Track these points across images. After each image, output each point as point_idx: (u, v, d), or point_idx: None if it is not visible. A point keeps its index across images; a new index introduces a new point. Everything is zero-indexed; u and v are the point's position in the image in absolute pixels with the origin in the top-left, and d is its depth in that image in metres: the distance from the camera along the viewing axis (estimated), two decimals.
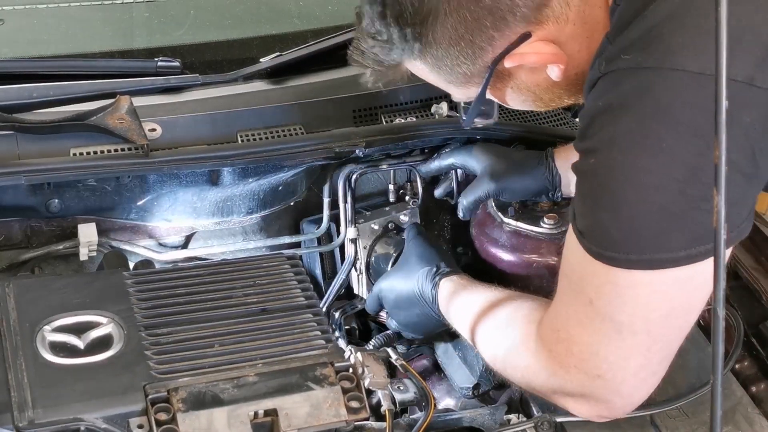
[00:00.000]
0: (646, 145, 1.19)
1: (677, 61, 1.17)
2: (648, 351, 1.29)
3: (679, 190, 1.18)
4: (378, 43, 1.35)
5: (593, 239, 1.24)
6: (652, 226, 1.20)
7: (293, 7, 2.32)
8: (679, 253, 1.20)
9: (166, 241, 1.83)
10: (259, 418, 1.29)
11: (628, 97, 1.21)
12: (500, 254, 1.66)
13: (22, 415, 1.25)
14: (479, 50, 1.32)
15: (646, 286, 1.23)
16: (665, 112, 1.18)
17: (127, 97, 1.70)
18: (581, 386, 1.32)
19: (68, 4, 2.18)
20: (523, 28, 1.30)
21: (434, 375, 1.74)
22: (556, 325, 1.33)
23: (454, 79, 1.38)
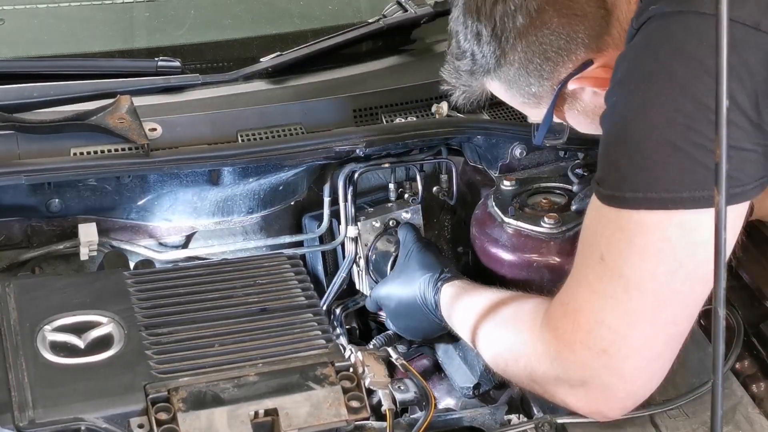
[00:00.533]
0: (659, 77, 1.26)
1: (694, 4, 1.25)
2: (654, 320, 1.29)
3: (686, 125, 1.23)
4: (462, 62, 1.49)
5: (607, 183, 1.29)
6: (658, 160, 1.24)
7: (293, 7, 2.32)
8: (682, 194, 1.23)
9: (166, 241, 1.83)
10: (259, 417, 1.29)
11: (651, 39, 1.29)
12: (500, 254, 1.66)
13: (22, 415, 1.25)
14: (547, 73, 1.44)
15: (652, 230, 1.25)
16: (679, 48, 1.25)
17: (127, 96, 1.70)
18: (584, 367, 1.31)
19: (68, 4, 2.18)
20: (585, 55, 1.42)
21: (435, 375, 1.75)
22: (566, 299, 1.34)
23: (527, 99, 1.49)
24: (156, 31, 2.20)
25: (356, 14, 2.23)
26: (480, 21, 1.43)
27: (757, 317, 1.60)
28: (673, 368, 1.46)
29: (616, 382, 1.31)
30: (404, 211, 1.85)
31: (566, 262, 1.55)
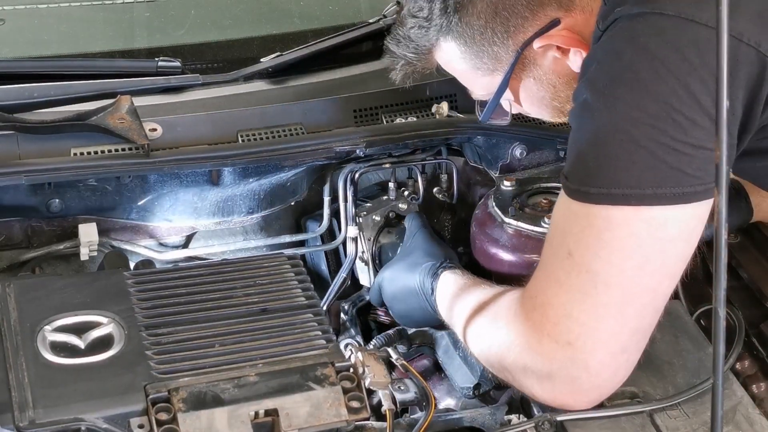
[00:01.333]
0: (624, 77, 1.28)
1: (658, 5, 1.27)
2: (621, 314, 1.30)
3: (649, 124, 1.25)
4: (418, 21, 1.44)
5: (573, 176, 1.31)
6: (622, 157, 1.27)
7: (293, 7, 2.32)
8: (645, 190, 1.26)
9: (166, 241, 1.83)
10: (259, 418, 1.29)
11: (615, 40, 1.31)
12: (501, 254, 1.66)
13: (22, 415, 1.25)
14: (512, 29, 1.42)
15: (619, 225, 1.27)
16: (644, 48, 1.27)
17: (127, 97, 1.70)
18: (551, 360, 1.33)
19: (68, 4, 2.18)
20: (554, 12, 1.42)
21: (435, 375, 1.74)
22: (534, 292, 1.36)
23: (481, 64, 1.46)
24: (156, 31, 2.20)
25: (356, 14, 2.23)
26: None
27: (757, 317, 1.60)
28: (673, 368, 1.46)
29: (582, 375, 1.32)
30: (401, 202, 1.85)
31: None
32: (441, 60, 1.50)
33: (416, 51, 1.48)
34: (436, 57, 1.51)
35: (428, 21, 1.43)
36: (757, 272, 1.63)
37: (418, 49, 1.47)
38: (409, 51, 1.48)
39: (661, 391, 1.44)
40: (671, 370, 1.49)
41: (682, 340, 1.55)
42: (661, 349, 1.36)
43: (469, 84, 1.55)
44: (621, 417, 1.39)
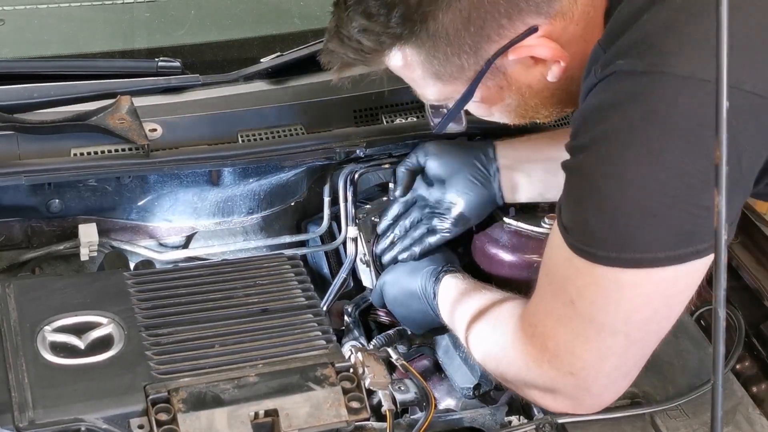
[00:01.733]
0: (633, 143, 1.20)
1: (668, 64, 1.18)
2: (625, 353, 1.30)
3: (662, 192, 1.19)
4: (371, 24, 1.30)
5: (577, 235, 1.26)
6: (634, 224, 1.21)
7: (293, 7, 2.32)
8: (658, 254, 1.21)
9: (166, 242, 1.83)
10: (259, 418, 1.29)
11: (620, 98, 1.22)
12: (501, 254, 1.66)
13: (22, 416, 1.25)
14: (486, 38, 1.30)
15: (628, 286, 1.24)
16: (653, 112, 1.19)
17: (127, 97, 1.70)
18: (552, 382, 1.34)
19: (68, 4, 2.18)
20: (534, 19, 1.30)
21: (435, 375, 1.74)
22: (534, 321, 1.34)
23: (444, 72, 1.34)
24: (156, 32, 2.20)
25: None
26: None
27: (758, 317, 1.60)
28: (674, 368, 1.46)
29: (584, 396, 1.34)
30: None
31: None
32: (392, 64, 1.37)
33: (361, 53, 1.34)
34: (385, 61, 1.37)
35: (384, 26, 1.29)
36: (757, 272, 1.63)
37: (364, 52, 1.34)
38: (351, 52, 1.34)
39: (661, 392, 1.45)
40: (671, 371, 1.49)
41: (682, 340, 1.55)
42: (661, 349, 1.36)
43: (420, 89, 1.43)
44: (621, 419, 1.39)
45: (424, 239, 1.70)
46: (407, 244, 1.73)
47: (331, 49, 1.37)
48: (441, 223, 1.68)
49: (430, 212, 1.70)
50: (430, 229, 1.70)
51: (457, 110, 1.42)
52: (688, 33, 1.20)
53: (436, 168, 1.70)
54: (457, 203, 1.67)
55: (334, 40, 1.35)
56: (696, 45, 1.18)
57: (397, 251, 1.73)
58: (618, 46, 1.24)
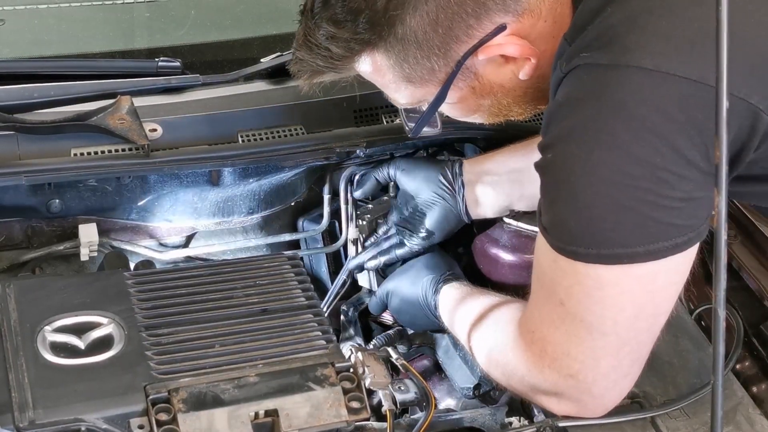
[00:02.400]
0: (601, 139, 1.20)
1: (633, 58, 1.18)
2: (618, 352, 1.31)
3: (633, 186, 1.19)
4: (339, 31, 1.29)
5: (556, 234, 1.26)
6: (608, 219, 1.22)
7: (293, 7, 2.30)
8: (636, 249, 1.22)
9: (166, 242, 1.83)
10: (259, 418, 1.29)
11: (585, 92, 1.22)
12: (501, 255, 1.66)
13: (22, 416, 1.25)
14: (454, 40, 1.29)
15: (611, 284, 1.25)
16: (620, 107, 1.19)
17: (127, 97, 1.70)
18: (554, 385, 1.34)
19: (69, 4, 2.18)
20: (501, 17, 1.28)
21: (435, 375, 1.74)
22: (531, 326, 1.35)
23: (415, 75, 1.33)
24: (156, 32, 2.20)
25: None
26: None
27: (757, 317, 1.60)
28: (674, 368, 1.46)
29: (587, 399, 1.35)
30: None
31: None
32: (362, 70, 1.36)
33: (330, 61, 1.33)
34: (355, 67, 1.36)
35: (352, 32, 1.28)
36: (757, 272, 1.63)
37: (333, 59, 1.32)
38: (321, 60, 1.33)
39: (661, 392, 1.45)
40: (671, 371, 1.49)
41: (682, 340, 1.55)
42: (661, 349, 1.37)
43: (392, 93, 1.41)
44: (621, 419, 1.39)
45: (391, 250, 1.73)
46: (374, 252, 1.75)
47: (300, 58, 1.36)
48: (409, 238, 1.71)
49: (402, 225, 1.73)
50: (399, 240, 1.73)
51: (430, 113, 1.41)
52: (652, 26, 1.19)
53: (406, 183, 1.73)
54: (423, 218, 1.69)
55: (302, 49, 1.35)
56: (660, 38, 1.18)
57: (364, 258, 1.76)
58: (582, 39, 1.24)
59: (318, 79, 1.40)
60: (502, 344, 1.42)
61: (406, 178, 1.72)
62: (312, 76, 1.38)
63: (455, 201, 1.68)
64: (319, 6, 1.31)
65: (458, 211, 1.69)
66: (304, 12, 1.34)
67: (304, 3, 1.34)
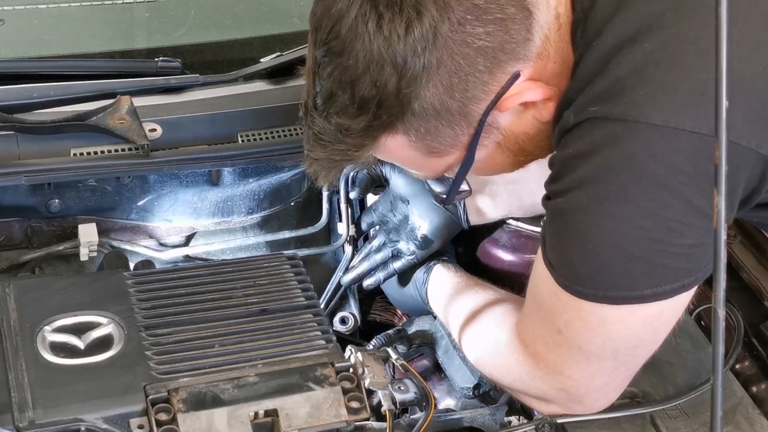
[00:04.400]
0: (611, 192, 1.20)
1: (642, 114, 1.17)
2: (613, 372, 1.32)
3: (644, 237, 1.19)
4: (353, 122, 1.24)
5: (562, 272, 1.26)
6: (616, 267, 1.22)
7: (293, 7, 2.32)
8: (645, 291, 1.22)
9: (166, 242, 1.83)
10: (259, 418, 1.29)
11: (596, 145, 1.21)
12: (500, 254, 1.66)
13: (22, 416, 1.25)
14: (472, 100, 1.24)
15: (615, 321, 1.25)
16: (630, 162, 1.18)
17: (127, 97, 1.70)
18: (545, 394, 1.36)
19: (68, 4, 2.18)
20: (514, 66, 1.24)
21: (435, 375, 1.74)
22: (525, 340, 1.36)
23: (438, 145, 1.29)
24: (156, 32, 2.20)
25: None
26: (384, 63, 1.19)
27: (757, 317, 1.60)
28: (673, 368, 1.46)
29: (576, 406, 1.37)
30: None
31: None
32: (381, 152, 1.31)
33: (347, 153, 1.28)
34: (373, 152, 1.31)
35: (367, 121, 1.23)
36: (757, 272, 1.63)
37: (351, 151, 1.28)
38: (338, 155, 1.29)
39: (660, 392, 1.45)
40: (671, 370, 1.49)
41: (681, 340, 1.55)
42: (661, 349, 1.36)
43: (416, 169, 1.38)
44: (621, 418, 1.39)
45: (388, 265, 1.73)
46: (369, 267, 1.75)
47: (315, 158, 1.32)
48: (407, 246, 1.70)
49: (395, 234, 1.72)
50: (394, 252, 1.72)
51: (460, 179, 1.37)
52: (660, 79, 1.18)
53: (402, 186, 1.71)
54: (421, 226, 1.69)
55: (316, 148, 1.30)
56: (668, 92, 1.17)
57: (357, 274, 1.77)
58: (589, 91, 1.22)
59: (336, 173, 1.36)
60: (493, 347, 1.43)
61: (403, 180, 1.71)
62: (330, 172, 1.34)
63: (456, 209, 1.68)
64: (322, 101, 1.26)
65: (458, 219, 1.68)
66: (306, 111, 1.29)
67: (303, 103, 1.29)
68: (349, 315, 1.86)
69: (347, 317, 1.86)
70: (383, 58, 1.19)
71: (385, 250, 1.73)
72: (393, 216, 1.73)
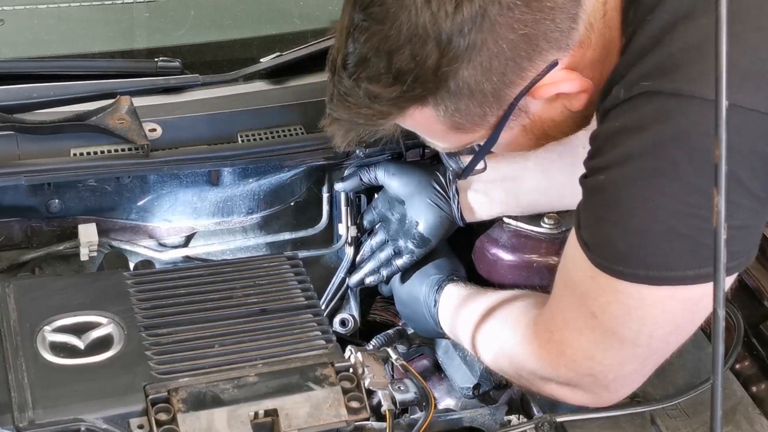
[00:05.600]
0: (661, 167, 1.18)
1: (696, 88, 1.16)
2: (645, 360, 1.31)
3: (691, 214, 1.18)
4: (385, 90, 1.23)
5: (600, 252, 1.24)
6: (661, 245, 1.20)
7: (293, 7, 2.32)
8: (687, 272, 1.20)
9: (166, 242, 1.83)
10: (259, 418, 1.29)
11: (646, 119, 1.19)
12: (500, 254, 1.66)
13: (22, 416, 1.25)
14: (507, 85, 1.24)
15: (654, 304, 1.23)
16: (682, 138, 1.17)
17: (127, 97, 1.70)
18: (569, 380, 1.35)
19: (68, 5, 2.18)
20: (554, 55, 1.24)
21: (435, 375, 1.75)
22: (551, 327, 1.34)
23: (465, 123, 1.28)
24: (156, 32, 2.20)
25: None
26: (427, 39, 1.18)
27: (757, 317, 1.60)
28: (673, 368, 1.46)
29: (602, 392, 1.35)
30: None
31: None
32: (405, 122, 1.31)
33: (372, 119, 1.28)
34: (398, 121, 1.31)
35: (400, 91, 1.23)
36: (757, 272, 1.63)
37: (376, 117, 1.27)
38: (362, 118, 1.28)
39: (660, 391, 1.45)
40: (671, 370, 1.49)
41: None
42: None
43: (436, 141, 1.37)
44: (621, 417, 1.39)
45: (391, 262, 1.73)
46: (374, 266, 1.76)
47: (336, 117, 1.31)
48: (405, 244, 1.70)
49: (395, 232, 1.72)
50: (396, 250, 1.72)
51: (481, 156, 1.38)
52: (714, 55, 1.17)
53: (396, 188, 1.71)
54: (417, 224, 1.69)
55: (339, 108, 1.29)
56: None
57: (363, 274, 1.77)
58: (641, 66, 1.21)
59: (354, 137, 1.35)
60: (512, 338, 1.41)
61: (397, 182, 1.71)
62: (349, 134, 1.33)
63: (450, 207, 1.68)
64: (354, 64, 1.24)
65: (454, 217, 1.68)
66: (334, 69, 1.28)
67: (332, 59, 1.29)
68: (349, 317, 1.86)
69: (347, 319, 1.86)
70: (427, 33, 1.18)
71: (387, 249, 1.74)
72: (391, 215, 1.73)
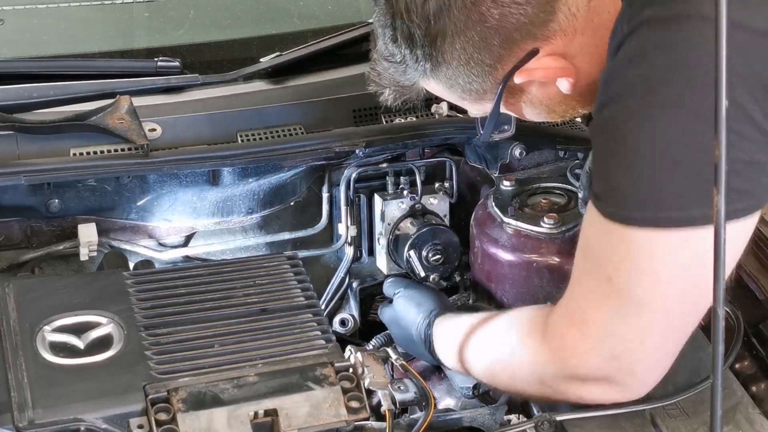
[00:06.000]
0: (664, 94, 1.17)
1: (696, 8, 1.15)
2: (665, 330, 1.28)
3: (699, 144, 1.15)
4: (392, 64, 1.38)
5: (608, 199, 1.23)
6: (668, 179, 1.18)
7: (293, 7, 2.32)
8: (693, 211, 1.17)
9: (166, 242, 1.83)
10: (259, 418, 1.29)
11: (646, 47, 1.18)
12: (500, 254, 1.66)
13: (22, 416, 1.25)
14: (489, 68, 1.33)
15: (664, 252, 1.21)
16: (685, 61, 1.15)
17: (127, 97, 1.70)
18: (595, 370, 1.31)
19: (68, 4, 2.18)
20: (531, 44, 1.30)
21: (434, 375, 1.74)
22: (572, 308, 1.31)
23: (467, 95, 1.39)
24: (156, 31, 2.20)
25: (356, 14, 2.23)
26: (411, 21, 1.31)
27: (757, 317, 1.60)
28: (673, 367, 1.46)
29: (630, 380, 1.31)
30: (432, 197, 1.84)
31: (566, 262, 1.55)
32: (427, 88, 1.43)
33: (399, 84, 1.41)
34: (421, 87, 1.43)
35: (403, 64, 1.37)
36: (757, 272, 1.63)
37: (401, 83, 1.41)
38: (392, 84, 1.42)
39: (660, 390, 1.44)
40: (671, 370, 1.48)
41: None
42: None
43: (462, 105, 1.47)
44: (620, 416, 1.39)
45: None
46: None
47: (375, 80, 1.44)
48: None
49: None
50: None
51: (489, 125, 1.44)
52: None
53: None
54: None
55: (374, 73, 1.43)
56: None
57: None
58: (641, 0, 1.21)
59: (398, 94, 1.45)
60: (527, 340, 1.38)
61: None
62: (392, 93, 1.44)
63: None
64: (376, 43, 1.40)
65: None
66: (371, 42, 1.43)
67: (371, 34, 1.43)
68: (348, 317, 1.86)
69: (347, 319, 1.86)
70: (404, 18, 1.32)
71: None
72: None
